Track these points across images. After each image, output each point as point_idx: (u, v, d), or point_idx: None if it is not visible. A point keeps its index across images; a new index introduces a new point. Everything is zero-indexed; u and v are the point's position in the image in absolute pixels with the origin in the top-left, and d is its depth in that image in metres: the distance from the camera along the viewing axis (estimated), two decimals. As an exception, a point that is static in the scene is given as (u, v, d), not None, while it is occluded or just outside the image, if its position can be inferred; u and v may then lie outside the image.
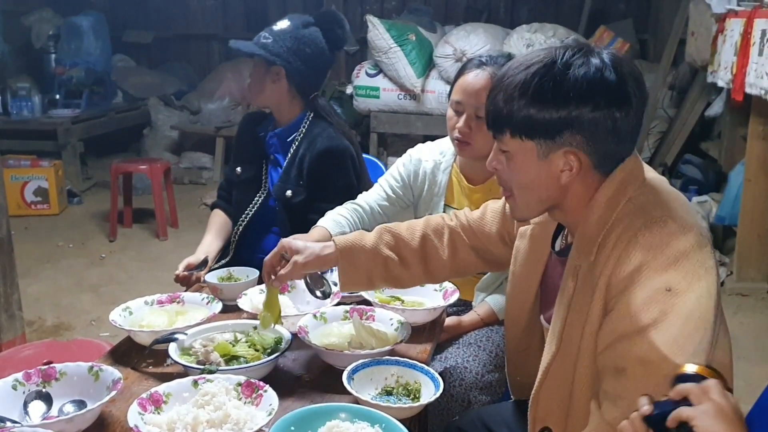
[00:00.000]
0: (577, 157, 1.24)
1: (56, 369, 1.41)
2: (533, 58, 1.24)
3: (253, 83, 2.28)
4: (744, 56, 3.62)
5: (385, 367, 1.49)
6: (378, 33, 5.50)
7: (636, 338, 1.15)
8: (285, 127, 2.31)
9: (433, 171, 2.17)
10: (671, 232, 1.19)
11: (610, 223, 1.25)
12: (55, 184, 5.69)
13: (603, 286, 1.22)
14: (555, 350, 1.31)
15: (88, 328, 3.67)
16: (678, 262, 1.17)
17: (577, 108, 1.19)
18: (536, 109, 1.21)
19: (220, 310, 1.75)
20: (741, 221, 4.03)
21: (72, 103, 6.61)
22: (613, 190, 1.26)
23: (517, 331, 1.57)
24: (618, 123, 1.21)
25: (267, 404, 1.30)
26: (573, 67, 1.20)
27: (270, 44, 2.20)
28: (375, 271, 1.60)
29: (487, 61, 1.98)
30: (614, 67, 1.20)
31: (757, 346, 3.41)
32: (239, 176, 2.39)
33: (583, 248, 1.27)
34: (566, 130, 1.21)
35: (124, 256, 4.86)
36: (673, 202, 1.26)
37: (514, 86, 1.23)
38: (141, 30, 8.13)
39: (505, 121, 1.25)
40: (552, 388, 1.34)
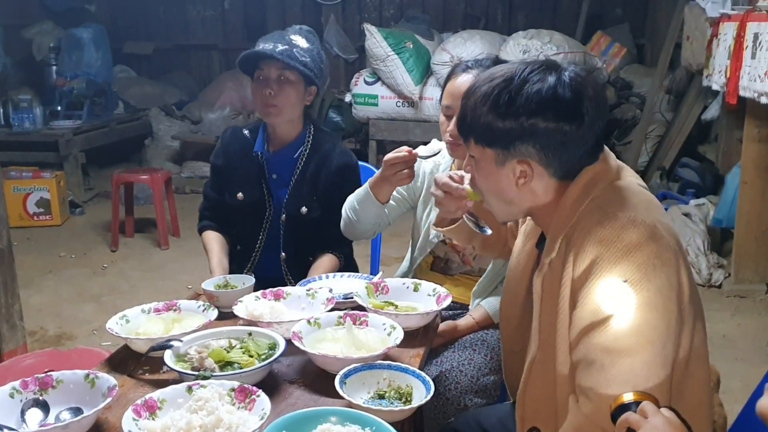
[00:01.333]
0: (530, 166, 1.32)
1: (53, 377, 1.43)
2: (498, 72, 1.34)
3: (287, 98, 2.21)
4: (737, 60, 3.64)
5: (378, 371, 1.51)
6: (375, 41, 5.54)
7: (599, 330, 1.19)
8: (291, 143, 2.31)
9: (432, 171, 2.21)
10: (622, 225, 1.25)
11: (572, 221, 1.32)
12: (57, 195, 5.72)
13: (568, 283, 1.28)
14: (535, 349, 1.36)
15: (90, 338, 3.69)
16: (630, 254, 1.22)
17: (528, 120, 1.28)
18: (493, 119, 1.31)
19: (215, 317, 1.77)
20: (738, 223, 4.05)
21: (73, 114, 6.66)
22: (578, 193, 1.34)
23: (511, 330, 1.61)
24: (568, 136, 1.29)
25: (260, 409, 1.32)
26: (529, 83, 1.29)
27: (309, 63, 2.20)
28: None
29: (473, 65, 2.02)
30: (571, 86, 1.29)
31: (755, 348, 3.42)
32: (242, 201, 2.33)
33: (551, 246, 1.35)
34: (519, 140, 1.30)
35: (126, 265, 4.89)
36: (633, 200, 1.32)
37: (479, 96, 1.33)
38: (141, 41, 8.18)
39: (470, 128, 1.37)
40: (537, 388, 1.37)
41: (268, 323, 1.71)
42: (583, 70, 1.34)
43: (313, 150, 2.31)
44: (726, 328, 3.61)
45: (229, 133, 2.43)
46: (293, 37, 2.23)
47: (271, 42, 2.20)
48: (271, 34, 2.27)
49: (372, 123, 5.92)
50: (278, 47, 2.17)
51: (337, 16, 7.49)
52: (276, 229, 2.33)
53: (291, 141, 2.31)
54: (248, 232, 2.35)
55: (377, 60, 5.59)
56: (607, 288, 1.20)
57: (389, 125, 5.88)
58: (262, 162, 2.31)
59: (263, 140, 2.32)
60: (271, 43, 2.19)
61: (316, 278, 2.10)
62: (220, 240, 2.36)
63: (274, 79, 2.20)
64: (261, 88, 2.22)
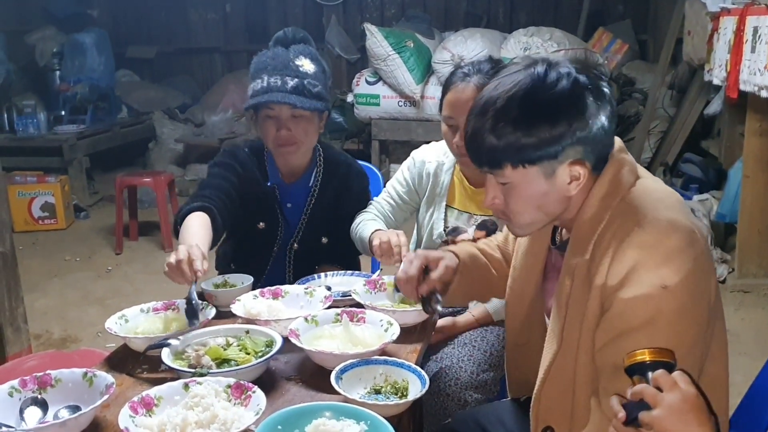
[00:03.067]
0: (583, 165, 1.25)
1: (51, 376, 1.44)
2: (509, 85, 1.24)
3: (304, 136, 2.10)
4: (737, 53, 3.64)
5: (373, 366, 1.52)
6: (376, 41, 5.54)
7: (633, 335, 1.18)
8: (306, 171, 2.23)
9: (436, 171, 2.21)
10: (663, 229, 1.21)
11: (604, 221, 1.27)
12: (61, 200, 5.75)
13: (599, 285, 1.24)
14: (556, 349, 1.33)
15: (94, 341, 3.71)
16: (671, 260, 1.19)
17: (572, 120, 1.21)
18: (534, 136, 1.22)
19: (213, 315, 1.78)
20: (741, 218, 4.04)
21: (77, 119, 6.69)
22: (606, 189, 1.28)
23: (516, 324, 1.59)
24: (607, 121, 1.24)
25: (255, 405, 1.32)
26: (553, 83, 1.22)
27: (321, 92, 2.09)
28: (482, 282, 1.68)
29: (470, 71, 2.00)
30: (579, 71, 1.24)
31: (758, 342, 3.41)
32: (261, 230, 2.23)
33: (579, 247, 1.29)
34: (567, 144, 1.23)
35: (130, 268, 4.91)
36: (666, 201, 1.28)
37: (504, 121, 1.23)
38: (144, 45, 8.22)
39: (503, 157, 1.25)
40: (553, 387, 1.35)
41: (266, 321, 1.72)
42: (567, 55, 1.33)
43: (328, 175, 2.25)
44: (730, 322, 3.56)
45: (243, 156, 2.22)
46: (299, 62, 2.07)
47: (277, 75, 2.04)
48: (273, 58, 2.09)
49: (374, 123, 5.92)
50: (288, 83, 2.03)
51: (338, 17, 7.51)
52: (282, 258, 2.27)
53: (307, 167, 2.24)
54: (254, 260, 2.25)
55: (378, 60, 5.60)
56: (645, 293, 1.17)
57: (391, 125, 5.88)
58: (276, 192, 2.22)
59: (276, 171, 2.22)
60: (278, 77, 2.04)
61: (314, 277, 2.11)
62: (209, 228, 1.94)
63: (287, 118, 2.07)
64: (273, 128, 2.09)
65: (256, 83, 2.07)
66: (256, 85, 2.07)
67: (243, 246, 2.26)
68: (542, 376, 1.36)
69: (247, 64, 2.24)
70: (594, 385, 1.28)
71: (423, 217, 2.25)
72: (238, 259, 2.30)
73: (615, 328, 1.20)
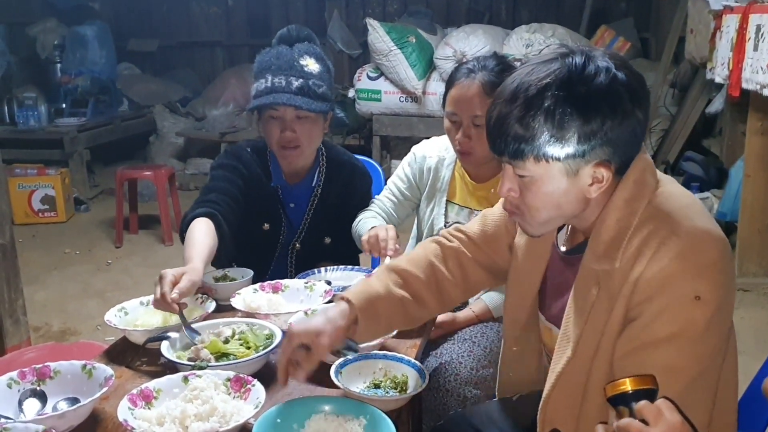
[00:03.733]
0: (609, 168, 1.20)
1: (50, 367, 1.44)
2: (542, 73, 1.18)
3: (308, 138, 2.07)
4: (740, 52, 3.63)
5: (373, 361, 1.52)
6: (378, 36, 5.53)
7: (662, 346, 1.16)
8: (309, 171, 2.21)
9: (437, 166, 2.20)
10: (700, 240, 1.18)
11: (632, 227, 1.22)
12: (61, 192, 5.75)
13: (627, 293, 1.20)
14: (570, 355, 1.29)
15: (94, 333, 3.71)
16: (708, 271, 1.16)
17: (607, 118, 1.15)
18: (563, 130, 1.15)
19: (213, 309, 1.77)
20: (741, 217, 4.03)
21: (78, 111, 6.70)
22: (629, 191, 1.23)
23: (516, 329, 1.54)
24: (640, 124, 1.18)
25: (255, 398, 1.32)
26: (591, 76, 1.15)
27: (326, 92, 2.06)
28: (394, 316, 1.46)
29: (475, 68, 1.99)
30: (617, 67, 1.17)
31: (757, 341, 3.41)
32: (266, 231, 2.21)
33: (603, 252, 1.23)
34: (596, 143, 1.16)
35: (130, 262, 4.91)
36: (694, 207, 1.25)
37: (532, 109, 1.16)
38: (145, 38, 8.22)
39: (528, 148, 1.18)
40: (563, 392, 1.32)
41: (266, 315, 1.72)
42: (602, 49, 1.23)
43: (331, 175, 2.23)
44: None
45: (247, 156, 2.18)
46: (303, 62, 2.04)
47: (282, 75, 2.01)
48: (277, 57, 2.06)
49: (375, 118, 5.91)
50: (293, 83, 2.00)
51: (340, 12, 7.50)
52: (284, 258, 2.26)
53: (310, 168, 2.22)
54: (256, 260, 2.21)
55: (380, 55, 5.58)
56: (677, 304, 1.15)
57: (393, 120, 5.87)
58: (279, 193, 2.21)
59: (280, 172, 2.20)
60: (283, 77, 2.01)
61: (314, 271, 2.10)
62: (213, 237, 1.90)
63: (291, 120, 2.04)
64: (277, 129, 2.05)
65: (260, 83, 2.04)
66: (260, 85, 2.03)
67: (245, 246, 2.23)
68: (553, 381, 1.32)
69: (248, 58, 2.27)
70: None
71: (423, 213, 2.25)
72: (240, 259, 2.25)
73: (642, 337, 1.17)
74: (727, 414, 1.31)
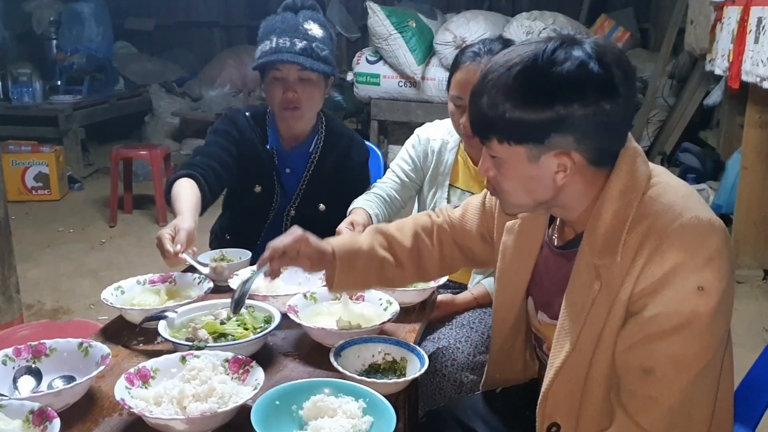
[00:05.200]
0: (570, 158, 1.18)
1: (46, 345, 1.43)
2: (514, 56, 1.18)
3: (310, 100, 2.11)
4: (740, 44, 3.62)
5: (372, 344, 1.51)
6: (378, 19, 5.49)
7: (668, 338, 1.15)
8: (308, 138, 2.24)
9: (440, 150, 2.19)
10: (704, 231, 1.17)
11: (629, 219, 1.21)
12: (55, 170, 5.72)
13: (629, 287, 1.19)
14: (570, 349, 1.28)
15: (87, 312, 3.70)
16: (712, 261, 1.15)
17: (565, 107, 1.13)
18: (522, 113, 1.15)
19: (211, 289, 1.76)
20: (737, 209, 4.04)
21: (73, 89, 6.65)
22: (623, 183, 1.22)
23: (506, 329, 1.54)
24: (609, 116, 1.15)
25: (253, 379, 1.31)
26: (556, 63, 1.13)
27: (328, 57, 2.10)
28: (371, 273, 1.52)
29: (480, 51, 1.96)
30: (598, 58, 1.14)
31: (751, 333, 3.42)
32: (257, 194, 2.22)
33: (602, 246, 1.22)
34: (555, 131, 1.15)
35: (124, 241, 4.89)
36: (692, 197, 1.24)
37: (497, 89, 1.17)
38: (143, 17, 8.16)
39: (491, 128, 1.20)
40: (563, 386, 1.32)
41: (264, 297, 1.71)
42: (600, 39, 1.21)
43: (329, 144, 2.25)
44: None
45: (242, 120, 2.23)
46: (307, 26, 2.09)
47: (286, 36, 2.05)
48: (282, 21, 2.11)
49: (374, 103, 5.88)
50: (297, 44, 2.04)
51: (341, -7, 7.44)
52: (278, 224, 2.26)
53: (309, 134, 2.24)
54: (249, 226, 2.26)
55: (379, 39, 5.55)
56: (683, 296, 1.14)
57: (391, 105, 5.84)
58: (275, 156, 2.22)
59: (277, 135, 2.22)
60: (287, 38, 2.05)
61: None
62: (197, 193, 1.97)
63: (294, 81, 2.08)
64: (280, 90, 2.09)
65: (265, 44, 2.08)
66: (265, 46, 2.08)
67: (238, 211, 2.26)
68: (552, 376, 1.31)
69: (246, 39, 2.30)
70: (608, 385, 1.26)
71: (425, 197, 2.24)
72: (232, 227, 2.30)
73: (647, 330, 1.17)
74: (724, 406, 1.31)
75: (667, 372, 1.15)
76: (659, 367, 1.16)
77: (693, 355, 1.15)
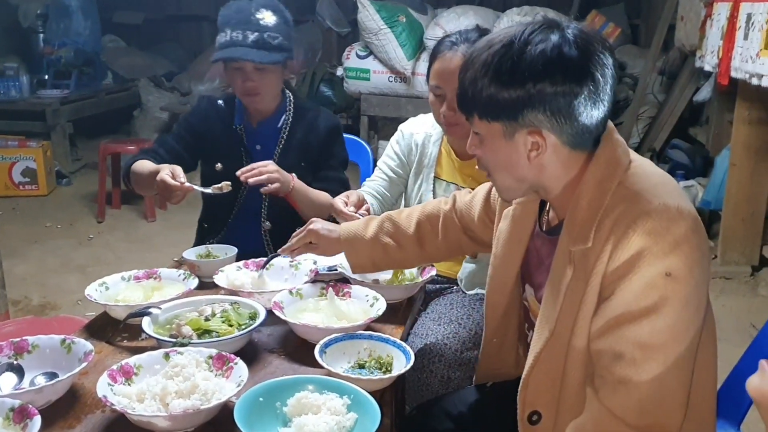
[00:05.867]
0: (542, 136, 1.22)
1: (28, 341, 1.41)
2: (496, 37, 1.23)
3: (269, 85, 2.19)
4: (730, 40, 3.62)
5: (358, 341, 1.50)
6: (368, 14, 5.47)
7: (636, 323, 1.16)
8: (274, 114, 2.29)
9: (424, 143, 2.21)
10: (671, 217, 1.18)
11: (603, 207, 1.23)
12: (43, 165, 5.68)
13: (600, 272, 1.21)
14: (548, 335, 1.29)
15: (74, 308, 3.68)
16: (678, 248, 1.16)
17: (535, 86, 1.18)
18: (497, 90, 1.20)
19: (196, 286, 1.75)
20: (726, 205, 4.05)
21: (61, 83, 6.59)
22: (601, 172, 1.25)
23: (497, 315, 1.56)
24: (580, 98, 1.19)
25: (237, 376, 1.31)
26: (531, 44, 1.18)
27: (283, 43, 2.15)
28: (376, 256, 1.71)
29: (458, 40, 1.99)
30: (576, 43, 1.18)
31: (738, 328, 3.44)
32: (219, 172, 2.24)
33: (577, 233, 1.25)
34: (527, 109, 1.20)
35: (112, 237, 4.87)
36: (667, 185, 1.25)
37: (478, 67, 1.23)
38: (131, 11, 8.10)
39: (472, 104, 1.26)
40: (542, 373, 1.33)
41: (250, 293, 1.70)
42: (586, 27, 1.24)
43: (297, 117, 2.30)
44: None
45: (205, 102, 2.36)
46: (260, 15, 2.14)
47: (239, 29, 2.11)
48: (236, 12, 2.16)
49: (364, 98, 5.86)
50: (249, 37, 2.10)
51: (330, -11, 7.41)
52: (256, 200, 2.28)
53: (272, 113, 2.30)
54: (218, 206, 2.30)
55: (370, 33, 5.53)
56: (649, 281, 1.15)
57: (381, 101, 5.83)
58: (242, 135, 2.29)
59: (243, 114, 2.29)
60: (240, 31, 2.11)
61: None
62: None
63: (250, 71, 2.15)
64: (239, 79, 2.17)
65: (221, 36, 2.15)
66: (221, 38, 2.15)
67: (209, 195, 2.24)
68: (532, 362, 1.33)
69: None
70: (586, 372, 1.27)
71: (411, 189, 2.25)
72: (207, 214, 2.39)
73: (616, 315, 1.18)
74: (705, 400, 1.31)
75: (636, 357, 1.16)
76: (628, 352, 1.16)
77: (662, 342, 1.15)
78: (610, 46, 1.25)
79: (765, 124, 3.91)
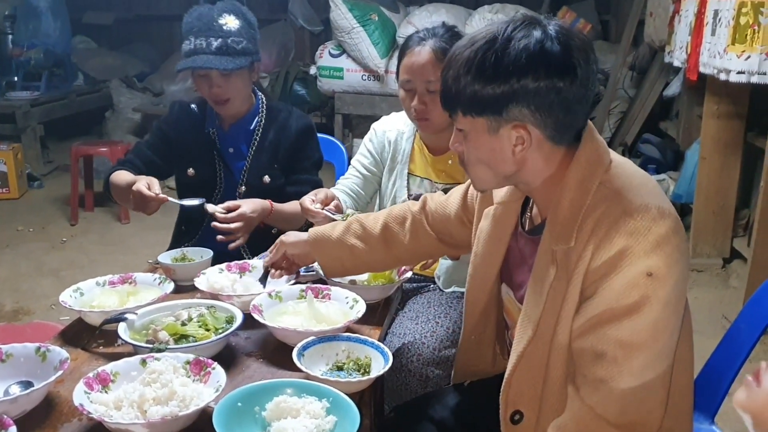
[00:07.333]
0: (527, 131, 1.24)
1: (2, 350, 1.40)
2: (479, 34, 1.25)
3: (236, 90, 2.18)
4: (698, 36, 3.67)
5: (336, 343, 1.51)
6: (340, 13, 5.47)
7: (617, 322, 1.17)
8: (246, 116, 2.29)
9: (396, 140, 2.22)
10: (653, 217, 1.20)
11: (585, 207, 1.25)
12: (14, 168, 5.60)
13: (581, 272, 1.22)
14: (531, 335, 1.30)
15: (48, 313, 3.64)
16: (659, 247, 1.18)
17: (519, 81, 1.19)
18: (480, 86, 1.21)
19: (172, 290, 1.74)
20: (696, 199, 4.10)
21: (31, 85, 6.50)
22: (582, 172, 1.26)
23: (476, 313, 1.56)
24: (563, 93, 1.20)
25: (215, 381, 1.30)
26: (514, 40, 1.20)
27: (247, 46, 2.15)
28: (344, 257, 1.71)
29: (426, 36, 2.03)
30: (558, 38, 1.20)
31: (711, 320, 3.49)
32: (192, 177, 2.29)
33: (560, 232, 1.26)
34: (511, 103, 1.21)
35: (86, 240, 4.82)
36: (647, 185, 1.27)
37: (460, 64, 1.23)
38: (101, 11, 7.99)
39: (455, 101, 1.26)
40: (525, 372, 1.34)
41: (228, 296, 1.69)
42: (566, 24, 1.27)
43: (269, 119, 2.30)
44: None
45: (177, 108, 2.37)
46: (222, 20, 2.13)
47: (202, 36, 2.11)
48: (198, 18, 2.14)
49: (337, 97, 5.86)
50: (212, 43, 2.10)
51: (303, -14, 7.37)
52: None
53: (244, 115, 2.30)
54: (196, 211, 2.24)
55: (342, 32, 5.52)
56: (631, 280, 1.17)
57: (355, 99, 5.82)
58: (215, 138, 2.29)
59: (215, 117, 2.29)
60: (203, 39, 2.10)
61: None
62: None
63: (216, 77, 2.15)
64: (206, 86, 2.17)
65: (185, 44, 2.15)
66: (185, 46, 2.15)
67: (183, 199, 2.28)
68: (515, 362, 1.34)
69: None
70: (568, 371, 1.28)
71: (385, 186, 2.26)
72: (183, 217, 2.38)
73: (598, 315, 1.19)
74: (683, 395, 1.34)
75: (617, 356, 1.17)
76: (610, 351, 1.18)
77: (643, 341, 1.17)
78: (590, 42, 1.27)
79: (733, 118, 3.97)
